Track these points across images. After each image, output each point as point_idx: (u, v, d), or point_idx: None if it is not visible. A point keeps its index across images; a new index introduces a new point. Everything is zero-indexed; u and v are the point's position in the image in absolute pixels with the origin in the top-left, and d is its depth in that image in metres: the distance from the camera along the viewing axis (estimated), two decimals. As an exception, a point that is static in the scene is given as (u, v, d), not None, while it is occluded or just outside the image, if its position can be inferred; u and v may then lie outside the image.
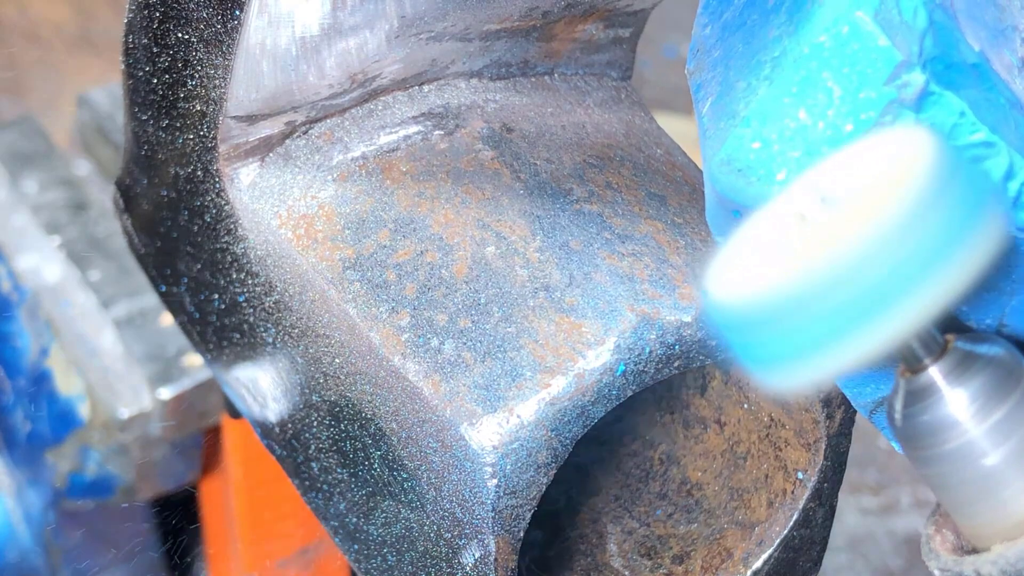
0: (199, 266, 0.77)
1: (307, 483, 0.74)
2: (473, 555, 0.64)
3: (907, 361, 0.53)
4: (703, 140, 0.54)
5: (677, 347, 0.63)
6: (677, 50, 2.05)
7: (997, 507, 0.53)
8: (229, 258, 0.74)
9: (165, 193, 0.77)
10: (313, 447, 0.72)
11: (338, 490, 0.71)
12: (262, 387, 0.75)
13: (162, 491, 1.11)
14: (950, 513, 0.54)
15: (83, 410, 1.06)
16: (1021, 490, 0.52)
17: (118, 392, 1.05)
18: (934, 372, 0.52)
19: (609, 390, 0.62)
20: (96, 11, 1.98)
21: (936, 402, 0.53)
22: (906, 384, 0.53)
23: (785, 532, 0.71)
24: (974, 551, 0.54)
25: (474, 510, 0.63)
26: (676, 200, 0.71)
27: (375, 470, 0.68)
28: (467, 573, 0.65)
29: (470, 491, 0.63)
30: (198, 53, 0.69)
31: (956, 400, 0.52)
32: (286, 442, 0.74)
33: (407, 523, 0.67)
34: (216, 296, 0.76)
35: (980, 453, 0.52)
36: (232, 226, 0.72)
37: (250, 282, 0.73)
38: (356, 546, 0.71)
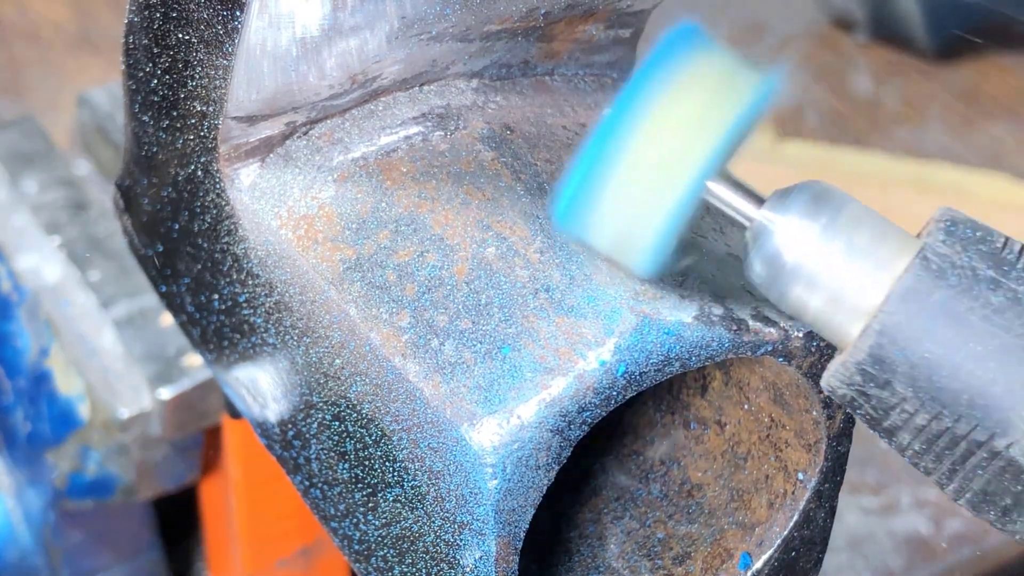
0: (199, 266, 0.77)
1: (307, 483, 0.74)
2: (473, 555, 0.64)
3: (737, 220, 0.59)
4: None
5: (677, 348, 0.63)
6: (677, 50, 2.04)
7: (840, 306, 0.57)
8: (229, 259, 0.74)
9: (165, 193, 0.77)
10: (313, 447, 0.72)
11: (338, 490, 0.71)
12: (262, 387, 0.75)
13: (162, 491, 1.11)
14: (819, 332, 0.59)
15: (83, 410, 1.06)
16: (855, 280, 0.57)
17: (118, 392, 1.05)
18: (759, 215, 0.58)
19: (609, 391, 0.62)
20: (96, 11, 1.98)
21: (766, 237, 0.58)
22: (743, 240, 0.59)
23: (785, 533, 0.71)
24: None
25: (474, 511, 0.63)
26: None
27: (375, 470, 0.68)
28: (467, 573, 0.65)
29: (470, 492, 0.63)
30: (198, 54, 0.69)
31: (781, 226, 0.58)
32: (286, 442, 0.74)
33: (407, 523, 0.67)
34: (216, 296, 0.76)
35: (812, 260, 0.57)
36: (232, 227, 0.73)
37: (250, 282, 0.73)
38: (356, 546, 0.72)
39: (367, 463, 0.68)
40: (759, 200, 0.59)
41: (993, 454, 0.55)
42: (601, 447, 0.78)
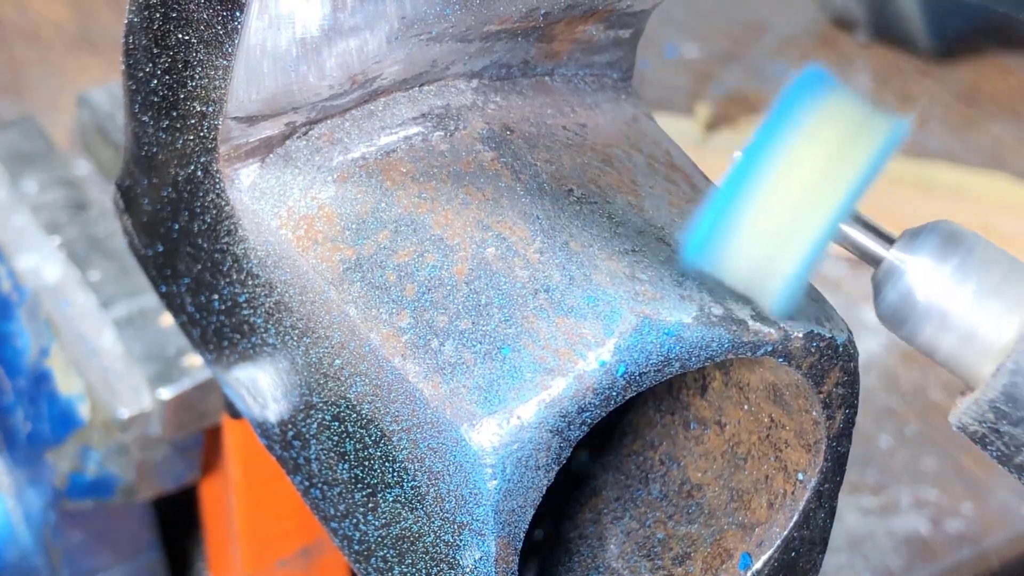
0: (199, 266, 0.77)
1: (307, 483, 0.74)
2: (473, 556, 0.64)
3: (868, 259, 0.61)
4: None
5: (677, 348, 0.63)
6: (677, 50, 2.05)
7: (973, 345, 0.59)
8: (229, 259, 0.74)
9: (165, 194, 0.77)
10: (313, 447, 0.72)
11: (338, 491, 0.71)
12: (262, 387, 0.75)
13: (162, 491, 1.11)
14: (950, 371, 0.60)
15: (83, 410, 1.05)
16: (987, 321, 0.58)
17: (118, 392, 1.05)
18: (890, 255, 0.60)
19: (609, 391, 0.62)
20: (96, 11, 1.98)
21: (898, 277, 0.60)
22: (873, 278, 0.61)
23: (785, 533, 0.71)
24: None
25: (474, 511, 0.63)
26: (676, 201, 0.71)
27: (375, 471, 0.68)
28: (467, 574, 0.65)
29: (470, 492, 0.63)
30: (198, 54, 0.69)
31: (912, 267, 0.59)
32: (286, 442, 0.74)
33: (407, 524, 0.67)
34: (216, 296, 0.76)
35: (944, 300, 0.59)
36: (232, 227, 0.73)
37: (250, 283, 0.73)
38: (356, 546, 0.72)
39: (367, 463, 0.68)
40: (889, 240, 0.60)
41: None
42: (601, 447, 0.78)
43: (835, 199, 0.58)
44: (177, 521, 1.25)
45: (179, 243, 0.78)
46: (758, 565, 0.71)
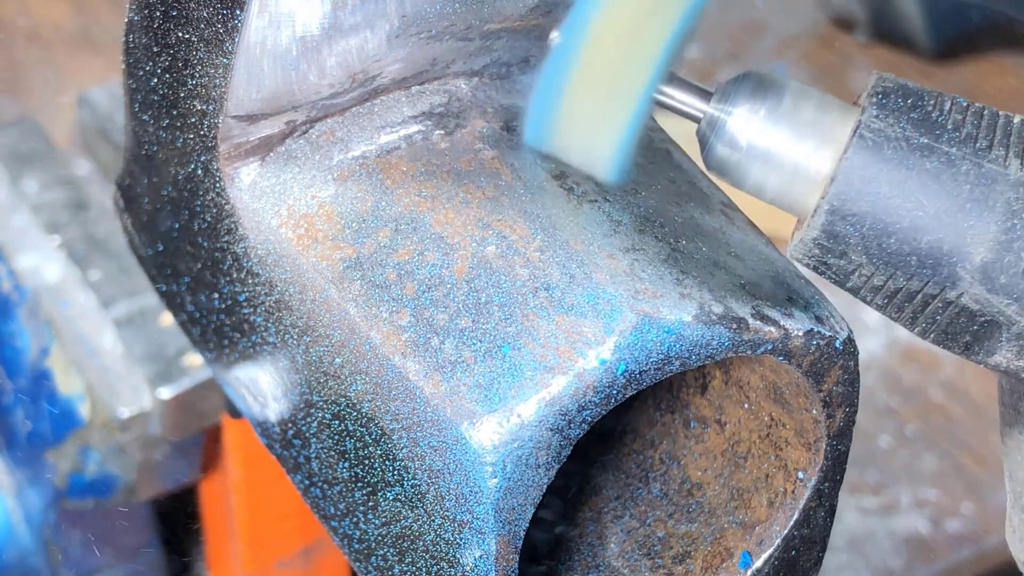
0: (199, 265, 0.77)
1: (307, 482, 0.74)
2: (473, 554, 0.64)
3: (689, 116, 0.64)
4: None
5: (677, 347, 0.63)
6: (677, 50, 2.04)
7: (796, 182, 0.62)
8: (229, 257, 0.74)
9: (165, 192, 0.77)
10: (313, 446, 0.72)
11: (338, 489, 0.71)
12: (262, 386, 0.75)
13: (162, 491, 1.11)
14: (781, 208, 0.64)
15: (83, 410, 1.06)
16: (805, 156, 0.62)
17: (118, 392, 1.05)
18: (710, 108, 0.63)
19: (610, 389, 0.62)
20: (96, 10, 1.98)
21: (719, 126, 0.63)
22: (698, 132, 0.63)
23: (785, 532, 0.71)
24: None
25: (474, 509, 0.63)
26: (675, 199, 0.71)
27: (375, 469, 0.68)
28: (467, 572, 0.65)
29: (470, 490, 0.63)
30: (199, 53, 0.69)
31: (731, 115, 0.62)
32: (286, 441, 0.74)
33: (407, 522, 0.67)
34: (216, 295, 0.76)
35: (763, 142, 0.62)
36: (232, 225, 0.73)
37: (250, 281, 0.73)
38: (356, 545, 0.72)
39: (367, 462, 0.68)
40: (707, 94, 0.63)
41: (947, 303, 0.61)
42: (601, 446, 0.78)
43: (648, 61, 0.60)
44: (177, 521, 1.24)
45: (179, 242, 0.78)
46: (758, 564, 0.71)
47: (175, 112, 0.73)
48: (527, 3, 0.70)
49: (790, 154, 0.62)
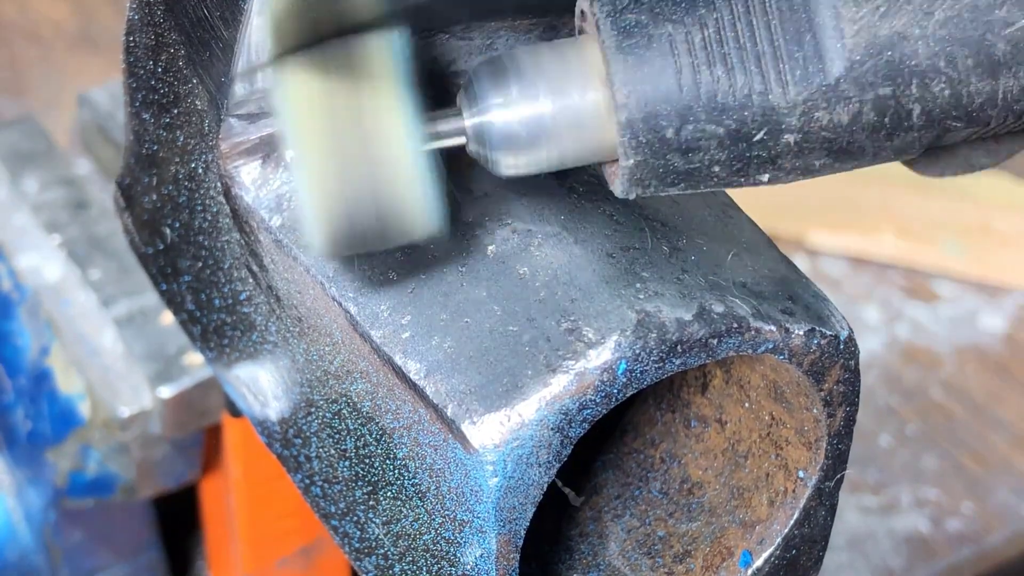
0: (200, 264, 0.77)
1: (307, 481, 0.74)
2: (474, 553, 0.64)
3: (454, 138, 0.62)
4: None
5: (678, 346, 0.63)
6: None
7: (586, 132, 0.61)
8: (230, 256, 0.74)
9: (166, 191, 0.77)
10: (314, 445, 0.72)
11: (338, 488, 0.71)
12: (263, 385, 0.75)
13: (162, 490, 1.11)
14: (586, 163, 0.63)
15: (83, 409, 1.05)
16: (580, 107, 0.60)
17: (118, 391, 1.05)
18: (469, 122, 0.62)
19: (610, 389, 0.62)
20: (97, 10, 1.98)
21: (488, 131, 0.61)
22: (471, 151, 0.62)
23: (786, 531, 0.71)
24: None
25: (475, 508, 0.63)
26: (675, 198, 0.71)
27: (375, 468, 0.68)
28: (468, 571, 0.65)
29: (471, 490, 0.63)
30: (199, 52, 0.69)
31: (491, 115, 0.61)
32: (287, 440, 0.74)
33: (407, 521, 0.67)
34: (217, 294, 0.76)
35: (535, 118, 0.61)
36: (233, 224, 0.73)
37: (251, 280, 0.73)
38: (356, 544, 0.72)
39: (367, 461, 0.68)
40: (454, 113, 0.61)
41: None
42: (601, 445, 0.78)
43: (399, 127, 0.58)
44: (177, 520, 1.24)
45: (180, 241, 0.78)
46: (759, 563, 0.71)
47: (176, 111, 0.73)
48: (528, 3, 0.70)
49: (567, 110, 0.60)
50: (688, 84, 0.59)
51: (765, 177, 0.61)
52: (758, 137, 0.59)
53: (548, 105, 0.60)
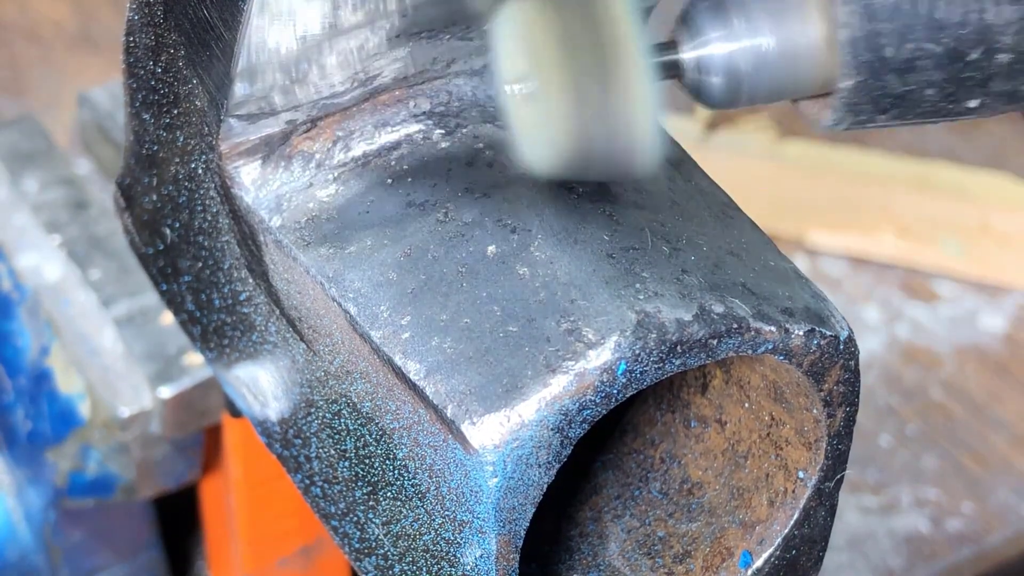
0: (200, 264, 0.77)
1: (307, 481, 0.74)
2: (474, 553, 0.64)
3: (670, 73, 0.64)
4: None
5: (678, 346, 0.63)
6: (677, 49, 2.04)
7: (805, 63, 0.63)
8: (230, 257, 0.74)
9: (166, 191, 0.77)
10: (313, 446, 0.72)
11: (338, 489, 0.71)
12: (262, 386, 0.75)
13: (162, 490, 1.11)
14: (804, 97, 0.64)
15: (83, 409, 1.05)
16: (803, 34, 0.62)
17: (118, 391, 1.05)
18: (689, 55, 0.63)
19: (610, 389, 0.62)
20: (97, 10, 1.98)
21: (712, 62, 0.63)
22: (686, 83, 0.64)
23: (786, 531, 0.71)
24: None
25: (475, 509, 0.63)
26: (675, 198, 0.71)
27: (375, 469, 0.68)
28: (467, 571, 0.65)
29: (470, 490, 0.63)
30: (199, 52, 0.69)
31: (717, 47, 0.62)
32: (286, 440, 0.74)
33: (407, 521, 0.67)
34: (217, 294, 0.76)
35: (755, 53, 0.63)
36: (233, 225, 0.73)
37: (251, 280, 0.73)
38: (356, 544, 0.72)
39: (367, 461, 0.68)
40: (671, 44, 0.63)
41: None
42: (601, 445, 0.78)
43: (625, 33, 0.59)
44: (177, 520, 1.25)
45: (180, 241, 0.78)
46: (759, 563, 0.71)
47: (176, 111, 0.73)
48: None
49: (787, 42, 0.62)
50: (907, 3, 0.60)
51: (975, 103, 0.62)
52: (973, 56, 0.61)
53: (769, 37, 0.62)
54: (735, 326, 0.64)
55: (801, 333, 0.65)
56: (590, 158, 0.61)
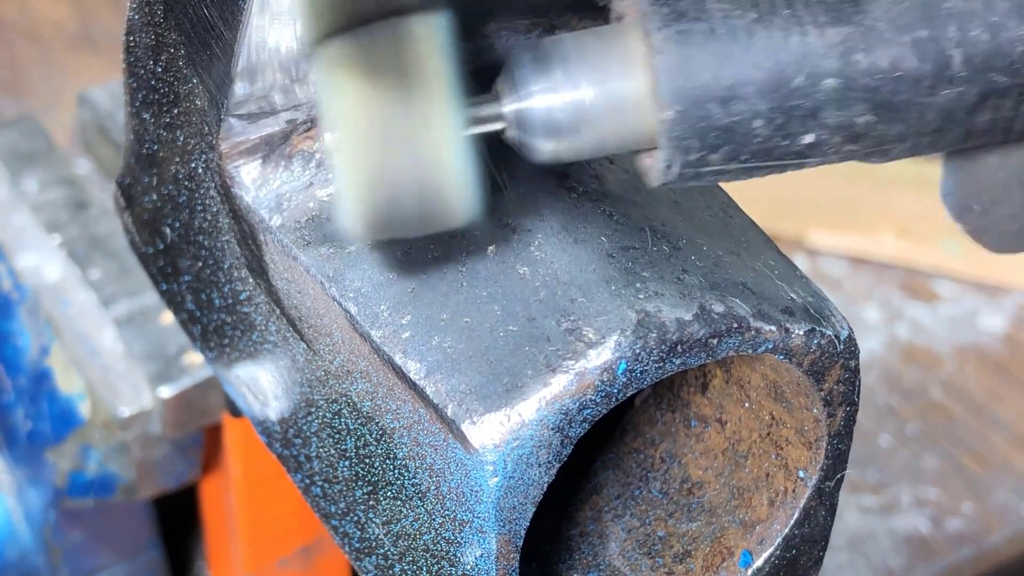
0: (200, 264, 0.77)
1: (307, 481, 0.74)
2: (474, 553, 0.64)
3: (491, 123, 0.61)
4: None
5: (678, 346, 0.63)
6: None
7: (626, 116, 0.60)
8: (230, 256, 0.74)
9: (166, 191, 0.77)
10: (314, 445, 0.72)
11: (338, 488, 0.71)
12: (263, 385, 0.75)
13: (163, 490, 1.11)
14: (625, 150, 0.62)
15: (83, 409, 1.06)
16: (610, 88, 0.60)
17: (118, 391, 1.05)
18: (508, 108, 0.61)
19: (610, 389, 0.62)
20: (97, 10, 1.98)
21: (530, 118, 0.60)
22: (509, 138, 0.61)
23: (786, 531, 0.71)
24: None
25: (475, 508, 0.63)
26: (675, 198, 0.71)
27: (376, 468, 0.68)
28: (468, 571, 0.65)
29: (471, 490, 0.63)
30: (199, 52, 0.69)
31: (534, 101, 0.60)
32: (287, 440, 0.74)
33: (408, 521, 0.67)
34: (217, 294, 0.76)
35: (575, 104, 0.60)
36: (233, 224, 0.73)
37: (251, 280, 0.73)
38: (356, 544, 0.72)
39: (367, 461, 0.68)
40: (492, 98, 0.61)
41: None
42: (601, 445, 0.78)
43: (444, 111, 0.58)
44: (177, 520, 1.25)
45: (180, 241, 0.78)
46: (759, 563, 0.71)
47: (176, 111, 0.73)
48: (528, 3, 0.70)
49: (607, 96, 0.59)
50: (722, 27, 0.59)
51: (810, 138, 0.60)
52: (797, 82, 0.59)
53: (590, 91, 0.60)
54: (735, 325, 0.64)
55: (801, 333, 0.65)
56: (399, 214, 0.59)
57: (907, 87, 0.60)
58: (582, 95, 0.60)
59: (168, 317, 1.07)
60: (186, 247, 0.77)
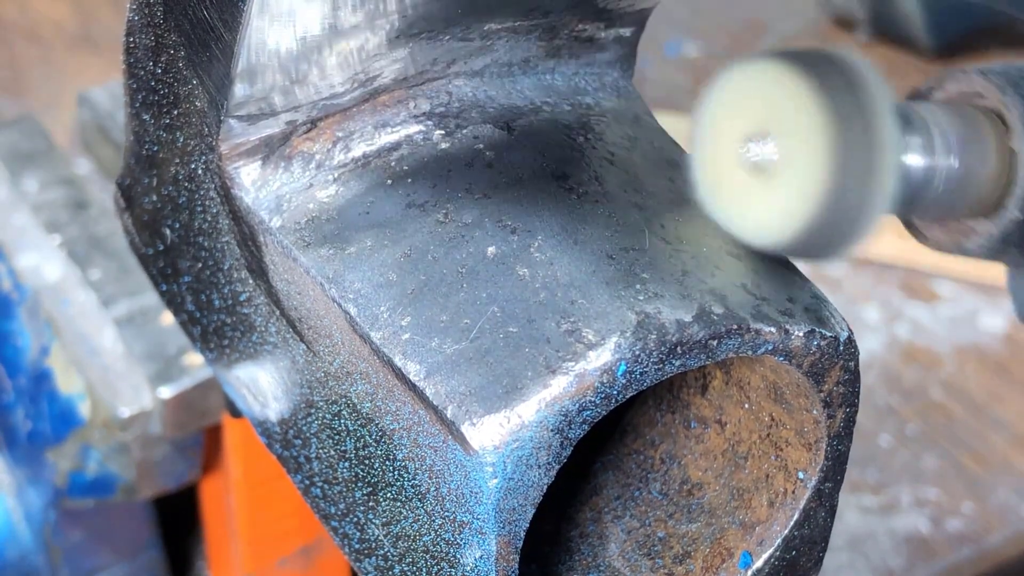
0: (200, 265, 0.77)
1: (307, 482, 0.74)
2: (473, 554, 0.64)
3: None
4: None
5: (678, 347, 0.63)
6: (678, 49, 2.05)
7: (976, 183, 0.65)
8: (230, 257, 0.74)
9: (166, 192, 0.77)
10: (314, 446, 0.72)
11: (338, 489, 0.71)
12: (262, 386, 0.75)
13: (163, 490, 1.11)
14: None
15: (83, 409, 1.06)
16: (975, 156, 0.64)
17: (119, 391, 1.05)
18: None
19: (610, 390, 0.62)
20: (97, 10, 1.99)
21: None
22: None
23: (786, 532, 0.71)
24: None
25: (475, 510, 0.63)
26: (675, 199, 0.71)
27: (375, 470, 0.68)
28: (467, 572, 0.65)
29: (470, 491, 0.63)
30: (199, 53, 0.69)
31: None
32: (286, 441, 0.74)
33: (407, 522, 0.67)
34: (217, 295, 0.76)
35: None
36: (233, 225, 0.73)
37: (251, 281, 0.73)
38: (356, 545, 0.72)
39: (367, 462, 0.68)
40: (927, 143, 0.63)
41: None
42: (601, 446, 0.78)
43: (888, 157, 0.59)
44: (177, 520, 1.25)
45: (180, 241, 0.78)
46: (759, 564, 0.71)
47: (176, 112, 0.73)
48: (528, 4, 0.70)
49: (970, 167, 0.63)
50: None
51: None
52: None
53: (955, 160, 0.63)
54: (735, 327, 0.64)
55: (801, 334, 0.65)
56: (826, 234, 0.60)
57: None
58: (952, 163, 0.64)
59: (168, 318, 1.07)
60: (186, 248, 0.77)
